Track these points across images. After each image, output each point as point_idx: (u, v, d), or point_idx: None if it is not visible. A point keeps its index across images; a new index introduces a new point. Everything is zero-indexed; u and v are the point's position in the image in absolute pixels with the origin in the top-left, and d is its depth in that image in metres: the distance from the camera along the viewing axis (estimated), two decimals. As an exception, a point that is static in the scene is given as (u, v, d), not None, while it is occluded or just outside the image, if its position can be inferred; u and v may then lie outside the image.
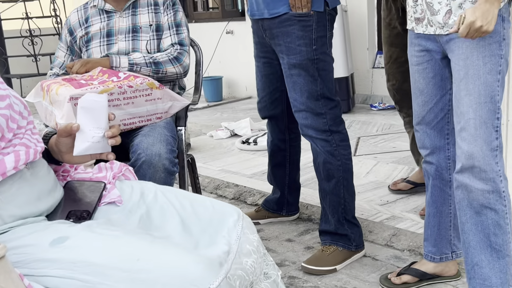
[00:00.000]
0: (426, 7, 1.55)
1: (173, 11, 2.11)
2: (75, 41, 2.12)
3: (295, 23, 1.95)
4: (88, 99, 1.02)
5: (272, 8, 1.98)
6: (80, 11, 2.15)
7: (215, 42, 5.73)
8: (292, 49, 1.97)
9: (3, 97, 0.98)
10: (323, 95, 2.00)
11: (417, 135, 1.74)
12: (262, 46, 2.17)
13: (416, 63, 1.65)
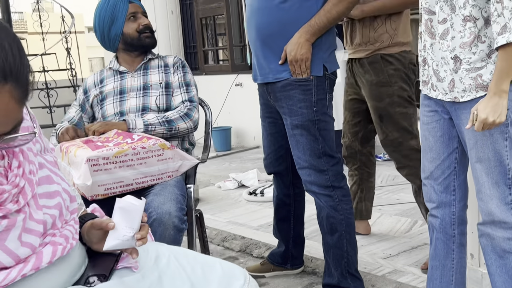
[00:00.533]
0: (432, 73, 1.68)
1: (183, 72, 2.27)
2: (87, 99, 2.27)
3: (296, 88, 2.08)
4: (127, 202, 1.09)
5: (275, 73, 2.12)
6: (96, 74, 2.32)
7: (224, 93, 5.91)
8: (294, 111, 2.10)
9: (53, 194, 1.04)
10: (325, 153, 2.11)
11: (425, 189, 1.84)
12: (267, 107, 2.30)
13: (426, 122, 1.78)
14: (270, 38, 2.10)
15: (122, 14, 2.18)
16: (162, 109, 2.18)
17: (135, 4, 2.25)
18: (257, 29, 2.12)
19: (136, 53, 2.25)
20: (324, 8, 2.04)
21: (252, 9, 2.15)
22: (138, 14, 2.23)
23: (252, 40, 2.19)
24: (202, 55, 6.61)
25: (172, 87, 2.23)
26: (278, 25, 2.07)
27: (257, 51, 2.17)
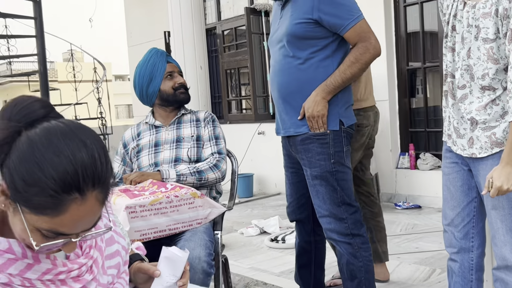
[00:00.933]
0: (453, 130, 1.85)
1: (213, 126, 2.46)
2: (127, 152, 2.46)
3: (314, 141, 2.24)
4: (172, 252, 1.21)
5: (295, 127, 2.29)
6: (133, 128, 2.52)
7: (247, 141, 6.10)
8: (313, 163, 2.25)
9: (114, 254, 1.14)
10: (344, 202, 2.24)
11: (445, 235, 1.96)
12: (289, 158, 2.46)
13: (447, 173, 1.92)
14: (290, 95, 2.28)
15: (160, 73, 2.40)
16: (193, 160, 2.36)
17: (172, 64, 2.45)
18: (279, 87, 2.30)
19: (171, 108, 2.45)
20: (339, 69, 2.21)
21: (274, 70, 2.34)
22: (174, 73, 2.44)
23: (275, 97, 2.37)
24: (227, 104, 6.85)
25: (202, 140, 2.41)
26: (297, 84, 2.25)
27: (279, 107, 2.35)
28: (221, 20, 6.88)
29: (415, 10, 4.90)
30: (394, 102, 5.01)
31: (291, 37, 2.22)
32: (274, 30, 2.37)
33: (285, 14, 2.29)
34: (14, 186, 0.90)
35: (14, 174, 0.90)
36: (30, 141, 0.91)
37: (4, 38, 6.24)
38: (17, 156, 0.91)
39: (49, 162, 0.89)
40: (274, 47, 2.35)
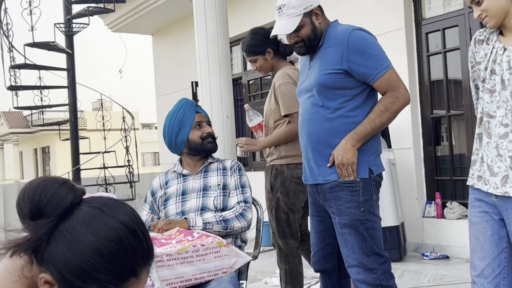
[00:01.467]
0: (486, 168, 1.85)
1: (239, 175, 2.50)
2: (155, 201, 2.51)
3: (343, 189, 2.25)
4: None
5: (324, 175, 2.31)
6: (161, 177, 2.57)
7: (271, 189, 6.11)
8: (342, 211, 2.25)
9: None
10: (373, 252, 2.22)
11: (475, 286, 1.92)
12: (316, 206, 2.46)
13: (475, 222, 1.91)
14: (319, 144, 2.31)
15: (189, 123, 2.47)
16: (219, 209, 2.39)
17: (201, 114, 2.53)
18: (308, 136, 2.34)
19: (199, 157, 2.51)
20: (369, 117, 2.24)
21: (303, 119, 2.39)
22: (203, 123, 2.51)
23: (303, 145, 2.41)
24: (250, 153, 6.92)
25: (229, 189, 2.45)
26: (326, 133, 2.29)
27: (308, 155, 2.38)
28: (247, 71, 7.04)
29: (438, 60, 4.96)
30: (419, 150, 5.00)
31: (321, 87, 2.26)
32: (302, 80, 2.44)
33: (314, 64, 2.36)
34: (65, 281, 0.88)
35: (64, 271, 0.88)
36: (73, 237, 0.89)
37: (38, 89, 6.49)
38: (62, 253, 0.88)
39: (101, 256, 0.88)
40: (302, 96, 2.41)
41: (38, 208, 0.90)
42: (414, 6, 5.03)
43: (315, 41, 2.33)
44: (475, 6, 1.89)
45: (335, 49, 2.25)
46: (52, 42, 6.52)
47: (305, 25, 2.32)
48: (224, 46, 4.16)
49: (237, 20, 6.83)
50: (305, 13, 2.32)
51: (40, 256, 0.90)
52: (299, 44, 2.35)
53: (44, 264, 0.89)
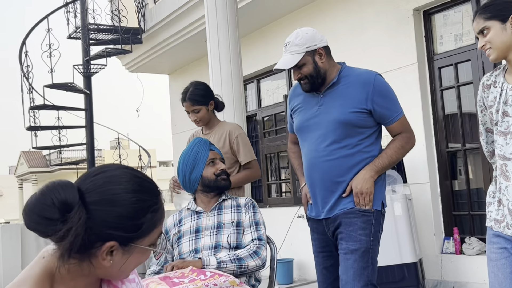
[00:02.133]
0: (507, 212, 1.84)
1: (253, 212, 2.50)
2: (169, 239, 2.51)
3: (358, 216, 2.34)
4: None
5: (341, 206, 2.39)
6: (175, 215, 2.59)
7: (287, 225, 6.08)
8: (353, 237, 2.31)
9: None
10: (371, 282, 2.29)
11: None
12: (321, 242, 2.50)
13: (494, 259, 1.89)
14: (338, 178, 2.40)
15: (203, 160, 2.50)
16: (232, 246, 2.39)
17: (214, 152, 2.57)
18: (324, 171, 2.41)
19: (212, 194, 2.53)
20: (386, 152, 2.41)
21: (314, 155, 2.45)
22: (216, 160, 2.55)
23: (316, 180, 2.45)
24: (266, 188, 6.92)
25: (243, 226, 2.45)
26: (345, 168, 2.40)
27: (321, 190, 2.43)
28: (261, 107, 7.12)
29: (451, 94, 4.96)
30: (435, 184, 4.96)
31: (344, 124, 2.38)
32: (310, 116, 2.49)
33: (328, 102, 2.45)
34: (122, 235, 1.05)
35: (118, 228, 1.05)
36: (107, 202, 1.05)
37: (56, 129, 6.62)
38: (107, 221, 1.04)
39: (138, 194, 1.08)
40: (311, 132, 2.47)
41: (65, 204, 1.02)
42: (426, 41, 5.08)
43: (318, 79, 2.44)
44: (481, 36, 1.94)
45: (359, 89, 2.40)
46: (71, 83, 6.69)
47: (307, 63, 2.42)
48: (238, 84, 4.23)
49: (251, 59, 6.95)
50: (308, 51, 2.41)
51: (94, 232, 1.04)
52: (304, 81, 2.46)
53: (96, 238, 1.04)
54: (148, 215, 1.08)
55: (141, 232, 1.07)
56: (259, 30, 6.89)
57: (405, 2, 5.09)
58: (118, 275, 1.11)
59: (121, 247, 1.06)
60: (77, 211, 1.02)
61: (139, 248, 1.08)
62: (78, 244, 1.02)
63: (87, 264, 1.08)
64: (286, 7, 6.21)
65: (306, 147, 2.50)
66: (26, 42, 6.63)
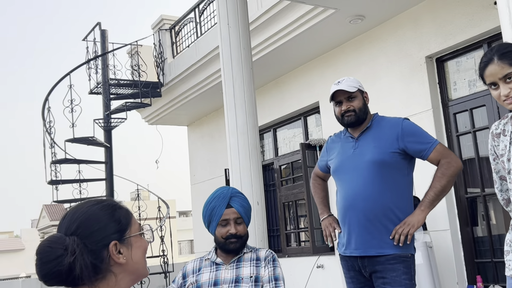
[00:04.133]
0: None
1: (273, 266, 2.44)
2: (184, 284, 2.49)
3: (400, 262, 2.45)
4: None
5: (378, 248, 2.48)
6: (196, 262, 2.56)
7: (306, 275, 5.99)
8: (398, 281, 2.42)
9: None
10: None
11: None
12: (357, 279, 2.59)
13: None
14: (378, 217, 2.52)
15: (216, 218, 2.44)
16: None
17: (231, 210, 2.43)
18: (364, 210, 2.53)
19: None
20: (431, 185, 2.53)
21: (353, 193, 2.58)
22: (230, 221, 2.42)
23: (354, 218, 2.56)
24: (285, 237, 6.86)
25: (261, 281, 2.41)
26: (385, 207, 2.52)
27: (359, 228, 2.54)
28: (278, 156, 7.16)
29: (468, 139, 4.96)
30: (456, 231, 4.88)
31: (379, 164, 2.54)
32: (346, 158, 2.67)
33: (362, 145, 2.64)
34: (114, 233, 1.25)
35: (108, 229, 1.25)
36: (86, 220, 1.24)
37: (77, 183, 6.73)
38: (96, 230, 1.23)
39: (94, 206, 1.29)
40: (348, 173, 2.63)
41: (59, 239, 1.22)
42: (440, 88, 5.13)
43: (363, 115, 2.67)
44: (503, 83, 1.78)
45: (389, 132, 2.60)
46: (91, 137, 6.85)
47: (358, 97, 2.69)
48: (254, 135, 4.29)
49: (267, 109, 7.06)
50: (360, 90, 2.71)
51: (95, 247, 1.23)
52: (350, 113, 2.66)
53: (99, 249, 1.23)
54: (118, 211, 1.29)
55: (124, 224, 1.28)
56: (274, 81, 7.03)
57: (417, 50, 5.18)
58: (137, 268, 1.28)
59: (121, 243, 1.26)
60: (70, 239, 1.21)
61: (133, 238, 1.28)
62: (89, 263, 1.20)
63: (111, 277, 1.24)
64: (299, 59, 6.35)
65: (343, 187, 2.65)
66: (49, 98, 6.85)
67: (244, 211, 2.48)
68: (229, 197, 2.45)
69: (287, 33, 5.66)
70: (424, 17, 5.10)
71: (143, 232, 1.33)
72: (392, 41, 5.42)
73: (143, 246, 1.31)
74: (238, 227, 2.45)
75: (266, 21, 5.73)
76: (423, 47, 5.11)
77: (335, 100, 2.73)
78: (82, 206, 1.30)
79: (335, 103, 2.74)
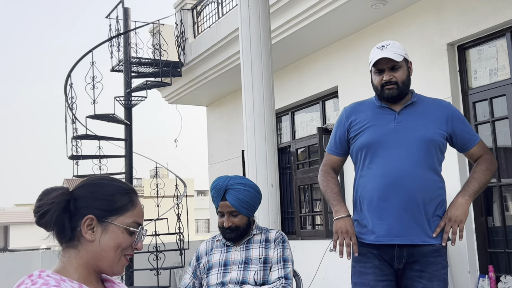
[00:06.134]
0: None
1: (282, 248, 2.50)
2: (199, 266, 2.57)
3: (442, 255, 2.27)
4: None
5: (424, 237, 2.24)
6: (208, 242, 2.63)
7: (319, 258, 6.05)
8: (437, 276, 2.24)
9: None
10: None
11: None
12: (383, 270, 2.30)
13: None
14: (425, 204, 2.26)
15: (216, 206, 2.53)
16: (259, 283, 2.41)
17: (225, 204, 2.46)
18: (411, 191, 2.25)
19: None
20: (474, 176, 2.35)
21: (399, 176, 2.26)
22: (224, 213, 2.47)
23: (397, 200, 2.24)
24: (299, 220, 6.92)
25: (270, 262, 2.46)
26: (432, 193, 2.29)
27: (401, 211, 2.23)
28: (295, 139, 7.19)
29: (486, 128, 4.92)
30: (470, 221, 4.87)
31: (429, 143, 2.29)
32: (386, 132, 2.34)
33: (407, 120, 2.34)
34: (99, 209, 1.27)
35: (96, 203, 1.27)
36: (90, 185, 1.30)
37: (97, 158, 6.86)
38: (88, 197, 1.27)
39: (112, 181, 1.33)
40: (389, 149, 2.30)
41: (52, 189, 1.29)
42: (460, 76, 5.08)
43: (406, 89, 2.37)
44: None
45: (438, 112, 2.35)
46: (112, 114, 6.94)
47: (403, 68, 2.36)
48: (270, 118, 4.32)
49: (285, 92, 7.07)
50: (405, 59, 2.39)
51: (76, 213, 1.26)
52: (391, 85, 2.34)
53: (81, 215, 1.26)
54: (121, 197, 1.30)
55: (114, 210, 1.28)
56: (293, 64, 7.01)
57: (438, 37, 5.12)
58: (102, 256, 1.27)
59: (99, 223, 1.26)
60: (59, 192, 1.26)
61: (114, 226, 1.27)
62: (60, 217, 1.24)
63: (75, 247, 1.27)
64: (319, 43, 6.32)
65: (382, 164, 2.31)
66: (72, 74, 6.95)
67: (240, 203, 2.44)
68: (224, 189, 2.45)
69: (308, 16, 5.64)
70: (447, 3, 5.03)
71: (128, 229, 1.28)
72: (413, 27, 5.36)
73: (118, 239, 1.27)
74: (233, 219, 2.47)
75: (286, 3, 5.71)
76: (445, 34, 5.06)
77: (377, 68, 2.38)
78: (104, 177, 1.35)
79: (375, 70, 2.40)
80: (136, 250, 1.32)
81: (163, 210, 6.54)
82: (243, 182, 2.50)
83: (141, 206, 1.35)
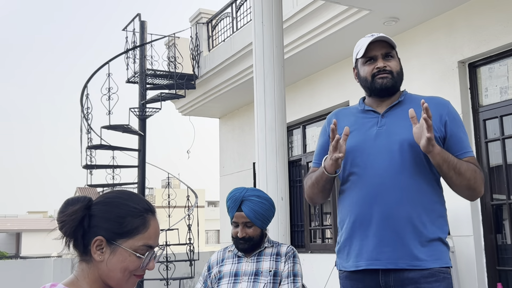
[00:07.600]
0: None
1: (293, 263, 2.53)
2: (209, 276, 2.62)
3: (440, 280, 1.87)
4: None
5: (412, 259, 1.87)
6: (219, 253, 2.69)
7: (328, 272, 6.07)
8: None
9: None
10: None
11: None
12: None
13: None
14: (410, 218, 1.89)
15: (231, 217, 2.57)
16: None
17: (241, 214, 2.49)
18: (394, 205, 1.91)
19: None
20: (459, 161, 1.91)
21: (382, 183, 1.93)
22: (238, 223, 2.52)
23: (378, 215, 1.91)
24: (309, 233, 6.95)
25: (280, 276, 2.51)
26: (421, 205, 1.92)
27: (386, 230, 1.90)
28: (306, 153, 7.24)
29: (497, 146, 4.94)
30: (479, 238, 4.88)
31: (415, 147, 1.90)
32: (367, 137, 2.03)
33: (391, 123, 2.02)
34: (109, 231, 1.25)
35: (107, 224, 1.25)
36: (104, 204, 1.28)
37: (110, 168, 6.97)
38: (101, 216, 1.26)
39: (128, 201, 1.29)
40: (370, 156, 1.99)
41: (73, 200, 1.28)
42: (471, 93, 5.12)
43: (399, 83, 2.09)
44: None
45: (432, 111, 1.89)
46: (127, 125, 7.06)
47: (395, 58, 2.10)
48: (281, 132, 4.39)
49: (297, 106, 7.14)
50: (396, 53, 2.13)
51: (88, 231, 1.26)
52: (386, 74, 2.05)
53: (93, 233, 1.26)
54: (133, 220, 1.27)
55: (124, 233, 1.26)
56: (305, 78, 7.09)
57: (450, 54, 5.17)
58: (109, 276, 1.27)
59: (108, 245, 1.25)
60: (78, 206, 1.26)
61: (122, 250, 1.26)
62: (74, 231, 1.25)
63: (87, 263, 1.27)
64: (331, 58, 6.40)
65: (363, 175, 1.98)
66: (88, 85, 7.09)
67: (255, 215, 2.47)
68: (241, 200, 2.49)
69: (320, 32, 5.73)
70: (459, 22, 5.08)
71: (135, 254, 1.26)
72: (425, 45, 5.42)
73: (124, 262, 1.26)
74: (247, 230, 2.51)
75: (300, 19, 5.80)
76: (456, 51, 5.11)
77: (367, 56, 2.07)
78: (121, 194, 1.32)
79: (364, 60, 2.09)
80: (148, 269, 1.31)
81: (174, 220, 6.61)
82: (259, 194, 2.55)
83: (157, 226, 1.31)
